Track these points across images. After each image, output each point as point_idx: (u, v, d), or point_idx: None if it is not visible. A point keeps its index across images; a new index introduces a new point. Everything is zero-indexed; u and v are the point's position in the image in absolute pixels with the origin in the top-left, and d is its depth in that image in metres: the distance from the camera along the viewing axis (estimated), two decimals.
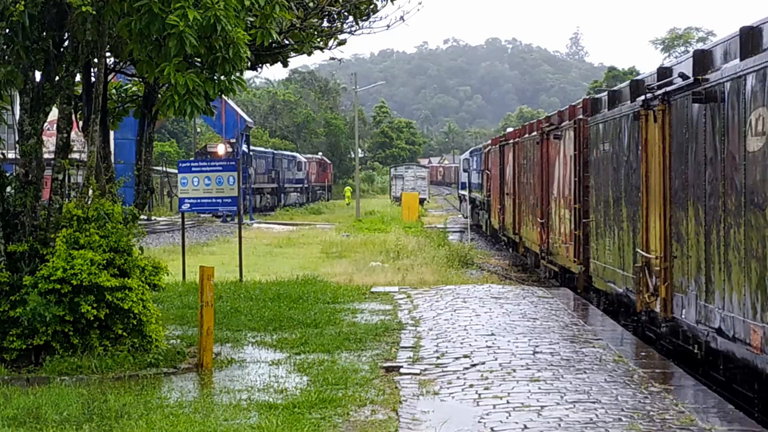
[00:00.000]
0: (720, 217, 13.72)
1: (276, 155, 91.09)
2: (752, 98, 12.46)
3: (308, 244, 45.22)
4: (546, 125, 30.51)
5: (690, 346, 15.66)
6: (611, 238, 20.98)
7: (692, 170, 15.13)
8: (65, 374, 14.28)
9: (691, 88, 14.71)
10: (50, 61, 15.31)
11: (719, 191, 13.75)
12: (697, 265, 14.72)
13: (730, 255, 13.26)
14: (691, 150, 15.16)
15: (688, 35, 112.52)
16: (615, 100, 21.25)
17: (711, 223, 14.15)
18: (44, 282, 14.57)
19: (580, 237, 24.41)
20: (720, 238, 13.69)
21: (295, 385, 14.01)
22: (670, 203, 16.44)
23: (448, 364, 15.42)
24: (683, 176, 15.59)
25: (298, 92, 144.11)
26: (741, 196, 12.83)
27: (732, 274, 13.16)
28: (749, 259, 12.46)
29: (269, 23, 14.97)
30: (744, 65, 12.79)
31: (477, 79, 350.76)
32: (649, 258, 17.43)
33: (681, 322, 15.73)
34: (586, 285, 24.41)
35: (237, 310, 21.05)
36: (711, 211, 14.16)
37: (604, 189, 21.82)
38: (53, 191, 15.64)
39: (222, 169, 27.43)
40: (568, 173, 26.23)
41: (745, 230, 12.65)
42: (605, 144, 21.68)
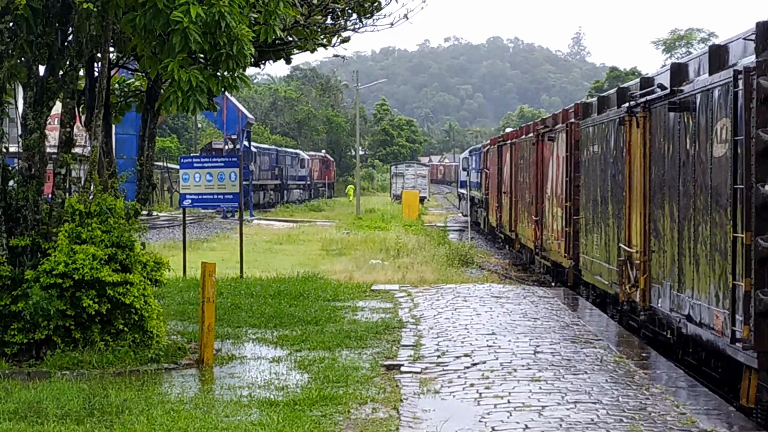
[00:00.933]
0: (691, 215, 15.26)
1: (279, 152, 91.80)
2: (718, 109, 13.93)
3: (308, 241, 45.20)
4: (541, 127, 31.88)
5: (665, 332, 17.01)
6: (598, 234, 22.40)
7: (668, 172, 16.61)
8: (66, 369, 14.28)
9: (668, 98, 16.28)
10: (54, 56, 15.30)
11: (690, 192, 15.25)
12: (672, 258, 16.25)
13: (698, 249, 14.76)
14: (668, 154, 16.67)
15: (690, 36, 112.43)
16: (603, 106, 22.59)
17: (683, 221, 15.67)
18: (46, 276, 14.56)
19: (570, 234, 25.81)
20: (690, 234, 15.22)
21: (295, 383, 14.00)
22: (649, 202, 17.96)
23: (448, 362, 15.42)
24: (661, 177, 17.10)
25: (299, 89, 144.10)
26: (708, 197, 14.32)
27: (700, 266, 14.68)
28: (713, 252, 13.95)
29: (273, 20, 14.95)
30: (711, 79, 14.29)
31: (478, 78, 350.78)
32: (630, 252, 18.92)
33: (657, 310, 17.27)
34: (575, 279, 26.06)
35: (238, 306, 21.05)
36: (683, 209, 15.68)
37: (593, 188, 23.25)
38: (56, 186, 15.63)
39: (224, 165, 27.41)
40: (560, 173, 27.54)
41: (710, 227, 14.18)
42: (594, 146, 23.10)
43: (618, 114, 20.25)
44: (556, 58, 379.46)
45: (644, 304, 18.02)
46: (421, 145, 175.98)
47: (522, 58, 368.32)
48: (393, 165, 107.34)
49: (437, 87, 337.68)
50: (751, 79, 12.56)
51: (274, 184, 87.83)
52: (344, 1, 18.58)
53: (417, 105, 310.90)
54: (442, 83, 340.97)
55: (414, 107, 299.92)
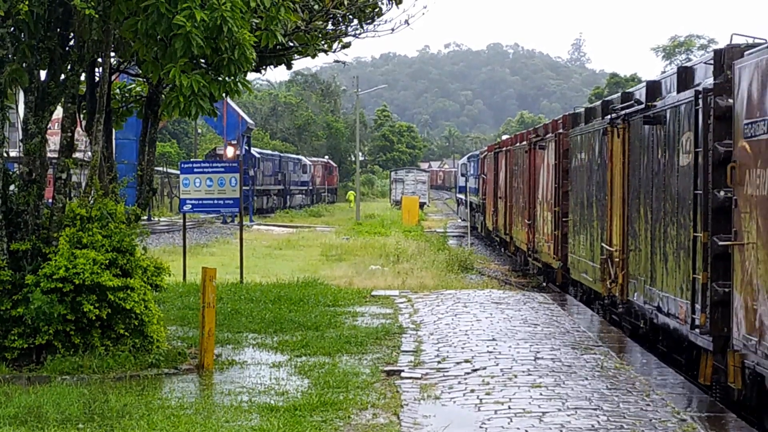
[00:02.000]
0: (661, 218, 17.27)
1: (282, 158, 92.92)
2: (684, 123, 15.80)
3: (308, 247, 45.22)
4: (533, 136, 33.91)
5: (639, 322, 19.12)
6: (585, 235, 24.49)
7: (643, 178, 18.60)
8: (66, 374, 14.28)
9: (643, 112, 18.40)
10: (55, 60, 15.30)
11: (661, 196, 17.27)
12: (645, 256, 18.32)
13: (667, 247, 16.77)
14: (643, 162, 18.65)
15: (689, 43, 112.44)
16: (590, 117, 24.82)
17: (655, 222, 17.68)
18: (46, 281, 14.54)
19: (558, 236, 27.98)
20: (661, 234, 17.25)
21: (296, 388, 14.00)
22: (627, 205, 19.94)
23: (449, 368, 15.42)
24: (637, 183, 19.15)
25: (299, 94, 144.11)
26: (675, 201, 16.31)
27: (668, 262, 16.69)
28: (679, 250, 15.96)
29: (274, 25, 14.97)
30: (678, 97, 16.32)
31: (478, 84, 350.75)
32: (611, 251, 20.91)
33: (633, 303, 19.24)
34: (564, 279, 28.36)
35: (237, 311, 21.04)
36: (655, 212, 17.69)
37: (580, 193, 25.40)
38: (57, 190, 15.62)
39: (224, 170, 27.40)
40: (550, 180, 29.52)
41: (676, 228, 16.16)
42: (582, 154, 25.16)
43: (602, 125, 22.01)
44: (556, 64, 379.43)
45: (622, 297, 20.00)
46: (420, 150, 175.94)
47: (522, 64, 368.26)
48: (393, 171, 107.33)
49: (437, 93, 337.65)
50: (710, 99, 14.44)
51: (278, 190, 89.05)
52: (345, 7, 18.58)
53: (417, 111, 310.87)
54: (442, 89, 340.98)
55: (414, 113, 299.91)
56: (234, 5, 13.65)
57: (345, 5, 18.55)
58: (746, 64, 12.94)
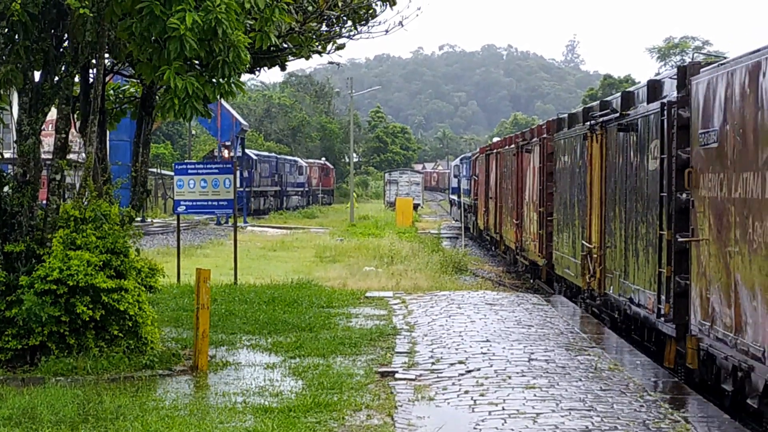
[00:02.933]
0: (633, 217, 18.89)
1: (279, 160, 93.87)
2: (652, 132, 17.38)
3: (302, 248, 45.22)
4: (520, 140, 35.71)
5: (614, 313, 20.78)
6: (567, 233, 26.12)
7: (619, 181, 20.25)
8: (60, 375, 14.27)
9: (618, 120, 20.07)
10: (50, 62, 15.30)
11: (633, 198, 18.88)
12: (620, 252, 19.91)
13: (638, 244, 18.42)
14: (618, 165, 20.26)
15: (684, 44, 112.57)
16: (572, 122, 26.32)
17: (628, 221, 19.29)
18: (40, 282, 14.54)
19: (543, 235, 29.79)
20: (633, 232, 18.85)
21: (290, 389, 14.00)
22: (605, 205, 21.54)
23: (443, 369, 15.43)
24: (613, 185, 20.78)
25: (293, 96, 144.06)
26: (645, 202, 17.91)
27: (639, 258, 18.32)
28: (648, 247, 17.64)
29: (268, 27, 14.98)
30: (648, 108, 17.99)
31: (472, 85, 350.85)
32: (590, 248, 22.53)
33: (610, 296, 20.93)
34: (548, 275, 30.38)
35: (232, 312, 21.04)
36: (628, 212, 19.31)
37: (563, 194, 27.02)
38: (51, 192, 15.62)
39: (218, 171, 27.38)
40: (536, 181, 31.33)
41: (646, 226, 17.83)
42: (564, 157, 26.80)
43: (582, 130, 23.73)
44: (550, 65, 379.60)
45: (600, 291, 21.68)
46: (414, 152, 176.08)
47: (516, 65, 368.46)
48: (387, 172, 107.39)
49: (431, 94, 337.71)
50: (673, 110, 16.09)
51: (274, 191, 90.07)
52: (339, 9, 18.60)
53: (411, 112, 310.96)
54: (436, 90, 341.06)
55: (408, 114, 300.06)
56: (228, 7, 13.65)
57: (339, 7, 18.58)
58: (701, 80, 14.75)
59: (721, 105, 13.89)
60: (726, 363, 13.63)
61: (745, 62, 13.09)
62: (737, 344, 13.01)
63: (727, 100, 13.64)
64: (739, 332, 12.93)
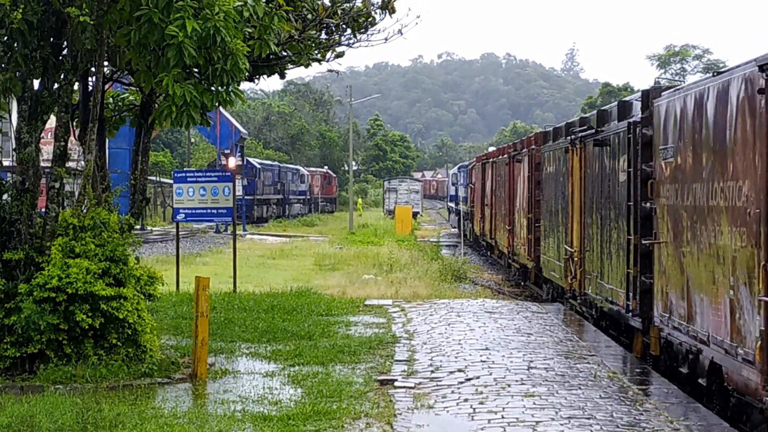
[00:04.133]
0: (607, 223, 21.01)
1: (281, 168, 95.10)
2: (622, 147, 19.64)
3: (301, 256, 45.21)
4: (512, 150, 37.90)
5: (592, 311, 22.81)
6: (552, 238, 28.33)
7: (595, 191, 22.38)
8: (59, 383, 14.25)
9: (594, 135, 22.27)
10: (49, 69, 15.30)
11: (607, 206, 21.01)
12: (597, 255, 21.99)
13: (611, 248, 20.55)
14: (594, 176, 22.48)
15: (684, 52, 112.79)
16: (557, 136, 28.61)
17: (603, 227, 21.39)
18: (39, 290, 14.53)
19: (531, 240, 31.93)
20: (607, 237, 21.01)
21: (289, 397, 13.99)
22: (584, 213, 23.59)
23: (442, 378, 15.41)
24: (591, 194, 22.84)
25: (292, 104, 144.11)
26: (616, 209, 20.18)
27: (612, 260, 20.48)
28: (619, 250, 19.79)
29: (267, 35, 15.01)
30: (617, 126, 20.28)
31: (471, 94, 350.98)
32: (572, 252, 24.59)
33: (588, 295, 22.95)
34: (536, 278, 32.62)
35: (231, 321, 21.02)
36: (603, 219, 21.38)
37: (549, 202, 29.23)
38: (50, 199, 15.61)
39: (217, 179, 27.38)
40: (525, 190, 33.42)
41: (617, 232, 20.01)
42: (550, 167, 29.03)
43: (564, 144, 25.82)
44: (549, 73, 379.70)
45: (580, 291, 23.83)
46: (414, 160, 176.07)
47: (515, 73, 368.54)
48: (386, 180, 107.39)
49: (430, 102, 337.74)
50: (638, 129, 18.34)
51: (277, 199, 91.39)
52: (339, 17, 18.60)
53: (410, 120, 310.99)
54: (436, 98, 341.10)
55: (407, 122, 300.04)
56: (227, 15, 13.67)
57: (338, 15, 18.58)
58: (661, 103, 16.89)
59: (676, 125, 15.92)
60: (681, 348, 15.73)
61: (694, 89, 15.08)
62: (689, 331, 15.00)
63: (681, 120, 15.64)
64: (691, 321, 14.93)
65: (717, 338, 13.64)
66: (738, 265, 12.83)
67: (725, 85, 13.55)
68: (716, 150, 13.85)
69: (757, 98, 12.11)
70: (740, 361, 12.65)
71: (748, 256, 12.39)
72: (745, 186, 12.59)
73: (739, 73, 13.01)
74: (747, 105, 12.59)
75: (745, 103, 12.65)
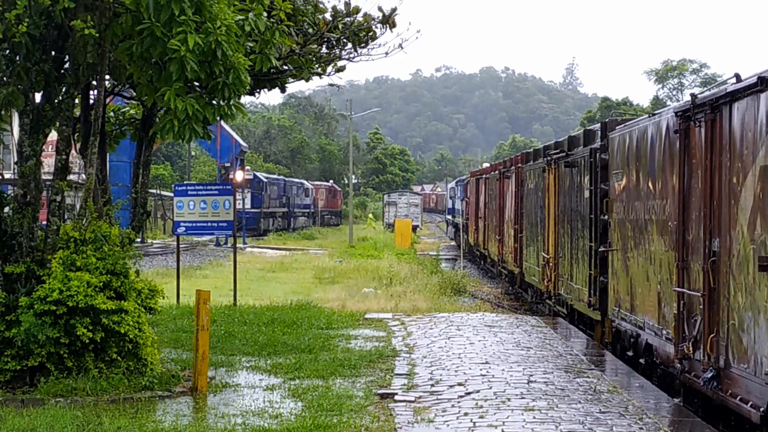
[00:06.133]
0: (575, 233, 24.48)
1: (287, 182, 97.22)
2: (586, 168, 22.94)
3: (301, 269, 45.20)
4: (502, 168, 41.81)
5: (563, 309, 26.38)
6: (533, 247, 31.87)
7: (566, 205, 25.90)
8: (60, 396, 14.26)
9: (565, 158, 25.80)
10: (51, 83, 15.33)
11: (575, 218, 24.49)
12: (568, 260, 25.51)
13: (578, 254, 23.99)
14: (565, 193, 25.95)
15: (682, 67, 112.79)
16: (537, 156, 32.08)
17: (572, 236, 24.87)
18: (40, 303, 14.55)
19: (517, 249, 35.78)
20: (575, 245, 24.51)
21: (289, 411, 14.00)
22: (557, 224, 27.12)
23: (442, 391, 15.42)
24: (562, 208, 26.40)
25: (293, 117, 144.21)
26: (582, 221, 23.51)
27: (579, 264, 23.93)
28: (584, 256, 23.14)
29: (269, 49, 15.05)
30: (582, 151, 23.79)
31: (471, 107, 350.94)
32: (548, 258, 28.26)
33: (561, 295, 26.59)
34: (522, 282, 35.85)
35: (231, 334, 21.04)
36: (573, 230, 24.83)
37: (530, 214, 32.91)
38: (51, 213, 15.63)
39: (218, 193, 27.43)
40: (512, 204, 37.25)
41: (583, 240, 23.38)
42: (531, 184, 32.80)
43: (542, 164, 29.60)
44: (548, 88, 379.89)
45: (555, 291, 27.51)
46: (413, 174, 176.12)
47: (514, 87, 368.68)
48: (386, 194, 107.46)
49: (430, 116, 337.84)
50: (598, 154, 21.90)
51: (282, 212, 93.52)
52: (340, 31, 18.65)
53: (410, 134, 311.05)
54: (435, 112, 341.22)
55: (407, 136, 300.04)
56: (229, 29, 13.72)
57: (339, 29, 18.62)
58: (614, 135, 20.63)
59: (624, 153, 19.56)
60: (627, 334, 19.42)
61: (636, 126, 18.90)
62: (632, 320, 18.73)
63: (627, 150, 19.28)
64: (633, 311, 18.63)
65: (650, 323, 17.42)
66: (663, 265, 16.60)
67: (656, 125, 17.20)
68: (649, 175, 17.54)
69: (673, 137, 15.88)
70: (664, 339, 16.43)
71: (669, 258, 16.10)
72: (667, 204, 16.35)
73: (665, 116, 16.67)
74: (668, 141, 16.31)
75: (667, 140, 16.38)
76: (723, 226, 13.52)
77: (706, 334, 13.92)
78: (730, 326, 13.11)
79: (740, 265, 12.78)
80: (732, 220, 13.14)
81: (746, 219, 12.55)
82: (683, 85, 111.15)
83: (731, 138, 13.27)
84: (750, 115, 12.57)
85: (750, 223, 12.41)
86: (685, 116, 15.13)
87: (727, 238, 13.36)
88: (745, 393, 12.61)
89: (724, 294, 13.40)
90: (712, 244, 13.90)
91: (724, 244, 13.48)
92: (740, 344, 12.72)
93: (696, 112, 14.60)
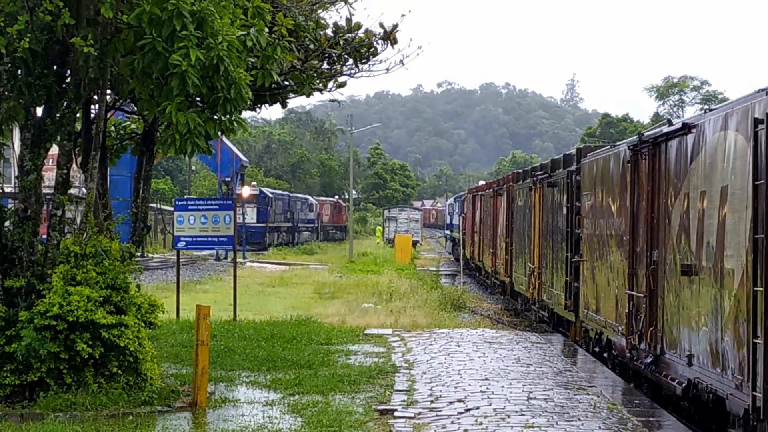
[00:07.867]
0: (556, 246, 27.68)
1: (291, 197, 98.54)
2: (564, 188, 26.34)
3: (301, 284, 45.20)
4: (495, 186, 45.39)
5: (545, 312, 29.97)
6: (521, 258, 35.25)
7: (548, 221, 29.12)
8: (59, 411, 14.24)
9: (548, 178, 29.20)
10: (52, 98, 15.34)
11: (556, 232, 27.63)
12: (549, 270, 28.77)
13: (557, 264, 27.22)
14: (548, 210, 29.23)
15: (683, 84, 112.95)
16: (525, 176, 35.51)
17: (554, 248, 27.99)
18: (40, 318, 14.53)
19: (507, 260, 39.72)
20: (555, 256, 27.74)
21: (289, 426, 13.98)
22: (541, 237, 30.32)
23: (442, 408, 15.40)
24: (545, 223, 29.61)
25: (293, 132, 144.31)
26: (560, 235, 26.79)
27: (557, 273, 27.12)
28: (562, 265, 26.37)
29: (270, 64, 15.07)
30: (561, 173, 27.12)
31: (471, 123, 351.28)
32: (533, 268, 31.61)
33: (544, 301, 29.92)
34: (512, 291, 39.73)
35: (231, 349, 21.02)
36: (554, 242, 28.03)
37: (519, 229, 36.62)
38: (51, 227, 15.63)
39: (218, 207, 27.44)
40: (504, 219, 40.86)
41: (561, 252, 26.50)
42: (520, 202, 36.34)
43: (528, 183, 33.25)
44: (549, 104, 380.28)
45: (538, 298, 31.00)
46: (414, 189, 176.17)
47: (515, 103, 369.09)
48: (386, 209, 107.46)
49: (431, 131, 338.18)
50: (573, 176, 25.18)
51: (287, 227, 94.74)
52: (341, 47, 18.68)
53: (410, 149, 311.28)
54: (436, 128, 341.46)
55: (407, 151, 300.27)
56: (230, 45, 13.74)
57: (341, 45, 18.65)
58: (585, 160, 23.68)
59: (592, 177, 22.75)
60: (593, 332, 22.54)
61: (602, 153, 21.97)
62: (597, 320, 21.81)
63: (595, 174, 22.44)
64: (598, 312, 21.65)
65: (610, 322, 20.47)
66: (619, 273, 19.72)
67: (616, 155, 20.28)
68: (610, 196, 20.76)
69: (626, 166, 18.98)
70: (620, 335, 19.42)
71: (623, 267, 19.26)
72: (622, 221, 19.53)
73: (622, 147, 19.99)
74: (623, 169, 19.37)
75: (623, 168, 19.40)
76: (660, 239, 16.93)
77: (647, 327, 17.29)
78: (665, 321, 16.48)
79: (671, 272, 16.14)
80: (666, 235, 16.55)
81: (675, 234, 15.89)
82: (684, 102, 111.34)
83: (666, 169, 16.64)
84: (680, 151, 15.81)
85: (677, 237, 15.75)
86: (635, 150, 18.32)
87: (662, 250, 16.75)
88: (674, 373, 15.89)
89: (660, 295, 16.82)
90: (653, 255, 17.30)
91: (660, 254, 16.88)
92: (671, 334, 16.07)
93: (642, 147, 17.91)
